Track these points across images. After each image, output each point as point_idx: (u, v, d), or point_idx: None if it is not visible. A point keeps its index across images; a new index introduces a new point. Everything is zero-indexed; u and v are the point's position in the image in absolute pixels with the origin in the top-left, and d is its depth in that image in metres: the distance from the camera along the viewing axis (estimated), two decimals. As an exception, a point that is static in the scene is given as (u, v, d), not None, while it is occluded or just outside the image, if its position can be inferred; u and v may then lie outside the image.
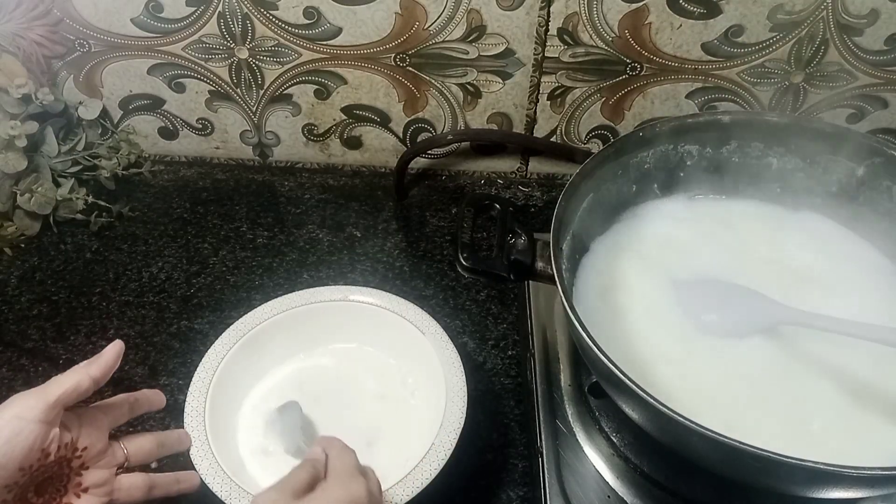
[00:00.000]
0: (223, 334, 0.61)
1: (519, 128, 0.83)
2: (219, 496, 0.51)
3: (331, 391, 0.62)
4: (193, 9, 0.75)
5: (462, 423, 0.54)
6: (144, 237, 0.81)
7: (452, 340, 0.60)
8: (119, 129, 0.86)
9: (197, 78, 0.81)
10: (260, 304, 0.63)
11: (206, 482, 0.52)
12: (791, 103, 0.79)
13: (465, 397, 0.56)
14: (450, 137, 0.83)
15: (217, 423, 0.56)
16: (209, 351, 0.59)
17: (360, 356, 0.64)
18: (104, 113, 0.84)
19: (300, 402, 0.59)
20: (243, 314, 0.62)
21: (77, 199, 0.79)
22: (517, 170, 0.89)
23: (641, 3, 0.71)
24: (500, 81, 0.79)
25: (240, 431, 0.59)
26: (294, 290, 0.64)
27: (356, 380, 0.63)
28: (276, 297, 0.63)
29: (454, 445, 0.53)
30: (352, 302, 0.63)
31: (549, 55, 0.76)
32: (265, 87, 0.81)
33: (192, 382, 0.57)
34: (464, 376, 0.57)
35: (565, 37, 0.74)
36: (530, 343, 0.64)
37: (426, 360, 0.60)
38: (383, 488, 0.50)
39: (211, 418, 0.56)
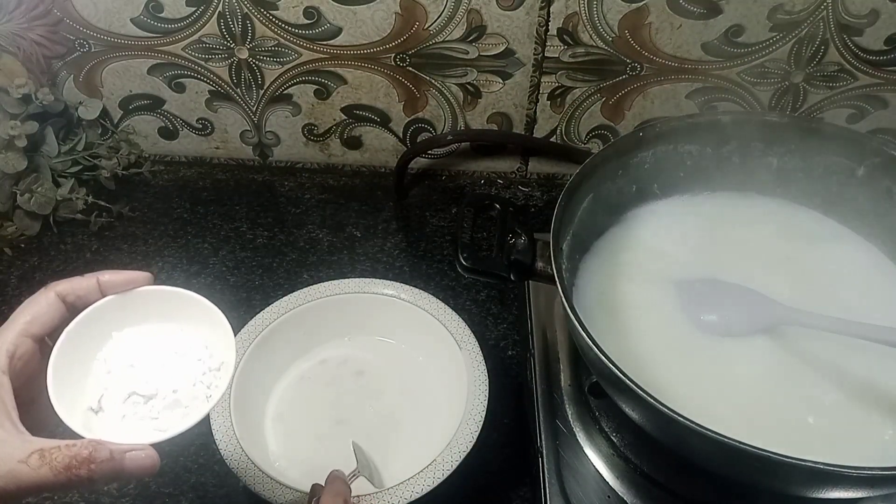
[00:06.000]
0: (237, 335, 0.61)
1: (519, 128, 0.83)
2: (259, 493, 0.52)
3: (351, 383, 0.63)
4: (193, 9, 0.75)
5: (482, 420, 0.55)
6: (144, 237, 0.81)
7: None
8: (119, 129, 0.86)
9: (197, 78, 0.81)
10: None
11: (240, 477, 0.53)
12: (791, 103, 0.79)
13: (487, 395, 0.56)
14: (450, 137, 0.83)
15: (244, 419, 0.57)
16: None
17: (382, 349, 0.65)
18: (104, 113, 0.84)
19: (319, 394, 0.61)
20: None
21: (77, 199, 0.79)
22: (517, 170, 0.89)
23: (641, 3, 0.71)
24: (500, 81, 0.79)
25: (266, 426, 0.60)
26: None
27: (378, 372, 0.64)
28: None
29: (473, 442, 0.54)
30: (375, 294, 0.64)
31: (549, 55, 0.76)
32: (265, 87, 0.81)
33: None
34: (486, 372, 0.58)
35: (565, 37, 0.74)
36: (530, 343, 0.64)
37: (449, 354, 0.61)
38: (400, 481, 0.51)
39: (237, 414, 0.56)
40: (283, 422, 0.61)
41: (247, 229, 0.82)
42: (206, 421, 0.55)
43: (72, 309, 0.41)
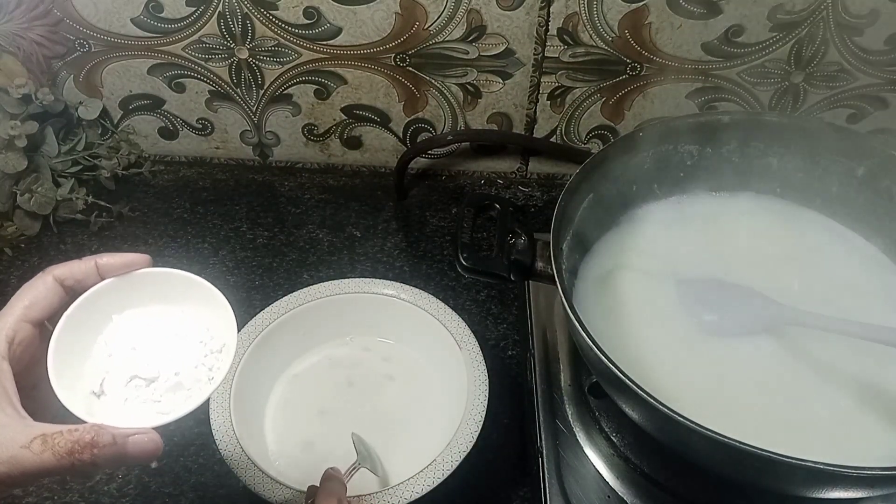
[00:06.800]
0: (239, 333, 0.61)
1: (519, 128, 0.83)
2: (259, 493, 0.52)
3: (352, 382, 0.63)
4: (193, 9, 0.75)
5: (482, 420, 0.55)
6: (144, 237, 0.81)
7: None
8: (119, 129, 0.86)
9: (197, 78, 0.81)
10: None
11: (239, 477, 0.53)
12: (791, 103, 0.79)
13: (487, 395, 0.57)
14: (450, 137, 0.83)
15: (243, 419, 0.57)
16: None
17: (382, 349, 0.66)
18: (104, 113, 0.84)
19: (319, 394, 0.61)
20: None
21: (77, 199, 0.79)
22: (517, 170, 0.89)
23: (641, 3, 0.71)
24: (500, 81, 0.79)
25: (266, 426, 0.60)
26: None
27: (378, 372, 0.64)
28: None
29: (473, 442, 0.54)
30: (375, 295, 0.64)
31: (549, 55, 0.76)
32: (265, 87, 0.81)
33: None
34: (486, 372, 0.58)
35: (565, 37, 0.74)
36: (530, 343, 0.64)
37: (449, 354, 0.61)
38: (400, 481, 0.51)
39: (237, 414, 0.56)
40: (283, 422, 0.61)
41: (247, 229, 0.82)
42: (206, 421, 0.55)
43: (70, 293, 0.41)
